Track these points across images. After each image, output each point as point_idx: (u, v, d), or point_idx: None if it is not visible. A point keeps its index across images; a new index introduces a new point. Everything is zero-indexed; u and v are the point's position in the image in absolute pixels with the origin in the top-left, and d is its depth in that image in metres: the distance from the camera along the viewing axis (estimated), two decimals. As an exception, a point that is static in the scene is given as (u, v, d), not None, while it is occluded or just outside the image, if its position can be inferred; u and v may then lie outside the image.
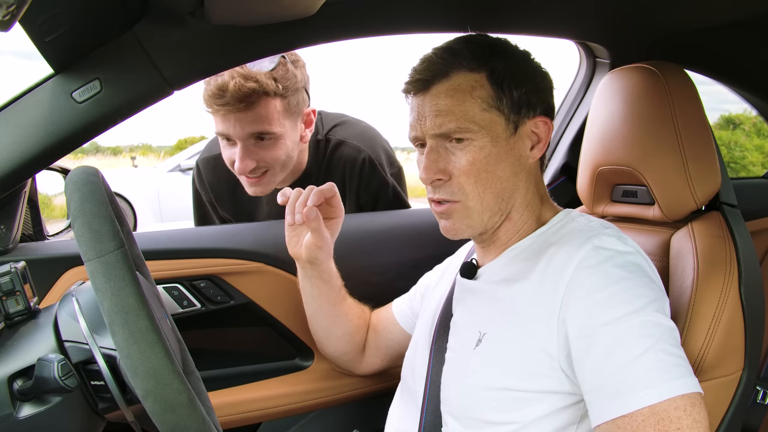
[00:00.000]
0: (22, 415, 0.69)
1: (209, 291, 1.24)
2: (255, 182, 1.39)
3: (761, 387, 1.23)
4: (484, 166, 0.86)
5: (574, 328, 0.78)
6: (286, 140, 1.36)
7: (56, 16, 0.84)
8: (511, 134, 0.88)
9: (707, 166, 1.01)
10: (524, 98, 0.88)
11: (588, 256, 0.81)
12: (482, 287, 0.94)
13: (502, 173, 0.88)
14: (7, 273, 0.74)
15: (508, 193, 0.90)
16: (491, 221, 0.91)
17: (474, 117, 0.86)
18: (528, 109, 0.89)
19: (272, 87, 1.28)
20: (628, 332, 0.75)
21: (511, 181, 0.89)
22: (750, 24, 1.31)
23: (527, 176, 0.91)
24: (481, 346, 0.87)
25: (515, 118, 0.88)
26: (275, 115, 1.31)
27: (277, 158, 1.36)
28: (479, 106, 0.86)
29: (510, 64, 0.89)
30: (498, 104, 0.87)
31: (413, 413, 0.97)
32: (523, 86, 0.88)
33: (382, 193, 1.49)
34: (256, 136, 1.32)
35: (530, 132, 0.90)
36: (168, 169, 7.93)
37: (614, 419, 0.72)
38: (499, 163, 0.87)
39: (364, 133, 1.51)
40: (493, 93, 0.86)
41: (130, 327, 0.59)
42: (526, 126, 0.89)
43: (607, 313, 0.76)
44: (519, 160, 0.89)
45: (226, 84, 1.24)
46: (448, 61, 0.88)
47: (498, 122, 0.87)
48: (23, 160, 0.94)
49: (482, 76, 0.87)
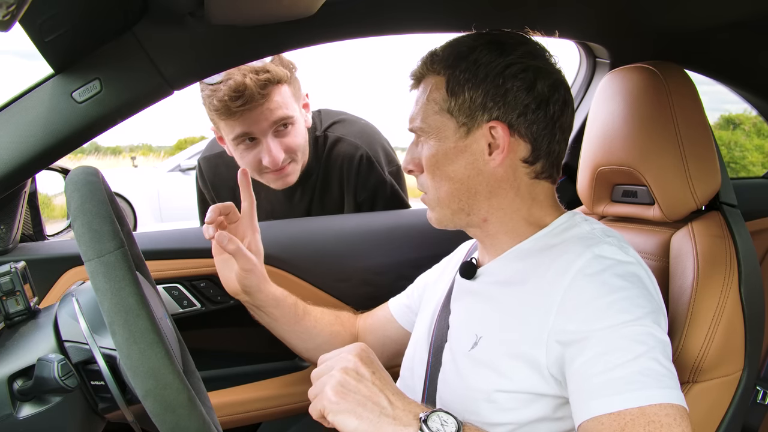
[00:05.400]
0: (22, 415, 0.69)
1: (209, 291, 1.24)
2: (280, 174, 1.40)
3: (761, 387, 1.23)
4: (434, 162, 0.91)
5: (568, 333, 0.77)
6: (301, 125, 1.40)
7: (56, 16, 0.84)
8: (462, 137, 0.89)
9: (707, 166, 1.01)
10: (480, 102, 0.88)
11: (587, 265, 0.81)
12: (480, 288, 0.94)
13: (453, 173, 0.90)
14: (7, 273, 0.74)
15: (465, 194, 0.91)
16: (458, 218, 0.93)
17: (427, 118, 0.91)
18: (483, 113, 0.88)
19: (282, 73, 1.31)
20: (622, 338, 0.74)
21: (467, 183, 0.90)
22: (750, 25, 1.31)
23: (495, 180, 0.90)
24: (476, 348, 0.87)
25: (466, 121, 0.89)
26: (288, 99, 1.35)
27: (299, 144, 1.39)
28: (432, 108, 0.91)
29: (474, 68, 0.88)
30: (449, 107, 0.89)
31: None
32: (481, 90, 0.87)
33: (379, 190, 1.49)
34: (279, 124, 1.34)
35: (487, 135, 0.89)
36: (168, 169, 7.93)
37: (599, 416, 0.71)
38: (449, 163, 0.90)
39: (362, 131, 1.52)
40: (446, 96, 0.89)
41: (130, 327, 0.59)
42: (482, 130, 0.89)
43: (603, 320, 0.76)
44: (474, 163, 0.89)
45: (242, 83, 1.25)
46: (428, 63, 0.93)
47: (447, 125, 0.90)
48: (23, 160, 0.95)
49: (442, 79, 0.90)
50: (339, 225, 1.41)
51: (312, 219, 1.47)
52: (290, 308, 1.16)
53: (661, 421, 0.69)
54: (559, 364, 0.78)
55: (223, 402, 1.21)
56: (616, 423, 0.70)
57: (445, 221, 0.96)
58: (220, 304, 1.25)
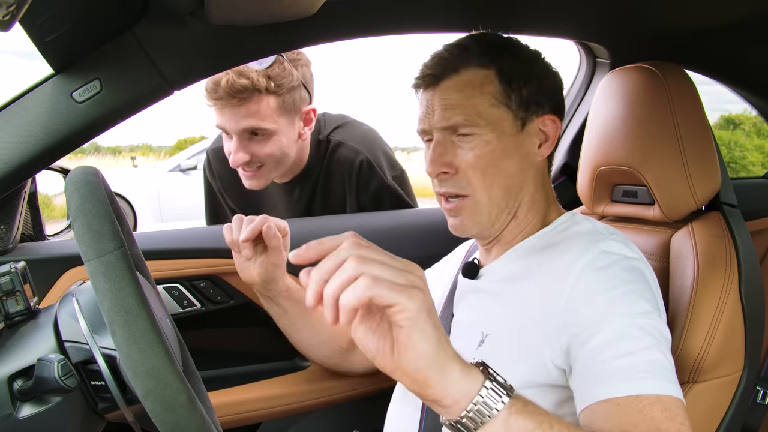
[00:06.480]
0: (22, 415, 0.69)
1: (209, 291, 1.24)
2: (251, 176, 1.43)
3: (761, 387, 1.23)
4: (490, 160, 0.87)
5: (577, 324, 0.77)
6: (281, 137, 1.38)
7: (56, 16, 0.84)
8: (518, 131, 0.89)
9: (707, 166, 1.01)
10: (533, 96, 0.89)
11: (595, 260, 0.81)
12: (484, 286, 0.94)
13: (508, 169, 0.88)
14: (7, 273, 0.74)
15: (515, 190, 0.90)
16: (499, 219, 0.91)
17: (482, 112, 0.87)
18: (536, 107, 0.90)
19: (263, 84, 1.31)
20: (633, 326, 0.75)
21: (519, 178, 0.90)
22: (750, 25, 1.31)
23: (535, 174, 0.92)
24: (483, 346, 0.87)
25: (523, 115, 0.89)
26: (268, 111, 1.34)
27: (270, 154, 1.38)
28: (488, 101, 0.87)
29: (519, 62, 0.90)
30: (506, 101, 0.88)
31: (414, 413, 0.97)
32: (531, 84, 0.89)
33: (382, 195, 1.50)
34: (250, 131, 1.35)
35: (538, 130, 0.91)
36: (168, 169, 7.93)
37: (615, 398, 0.71)
38: (506, 158, 0.88)
39: (363, 136, 1.53)
40: (502, 89, 0.88)
41: (130, 327, 0.59)
42: (534, 123, 0.90)
43: (614, 309, 0.76)
44: (527, 157, 0.90)
45: (220, 79, 1.28)
46: (459, 56, 0.89)
47: (505, 118, 0.88)
48: (23, 160, 0.94)
49: (492, 72, 0.88)
50: (339, 225, 1.41)
51: (312, 219, 1.47)
52: (300, 302, 1.15)
53: (675, 412, 0.70)
54: (564, 354, 0.78)
55: (223, 402, 1.21)
56: (634, 405, 0.70)
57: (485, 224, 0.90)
58: (220, 304, 1.25)
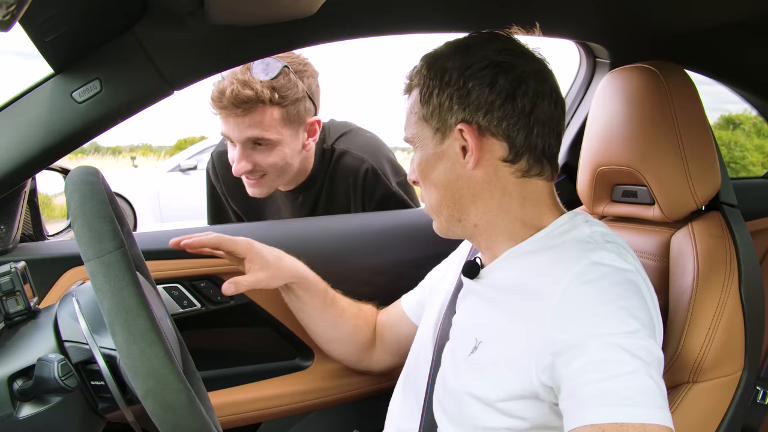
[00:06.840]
0: (22, 415, 0.69)
1: (209, 291, 1.24)
2: (253, 184, 1.44)
3: (761, 387, 1.23)
4: (421, 171, 0.93)
5: (562, 342, 0.75)
6: (284, 147, 1.39)
7: (56, 16, 0.84)
8: (438, 143, 0.90)
9: (707, 166, 1.01)
10: (447, 106, 0.88)
11: (584, 272, 0.79)
12: (482, 290, 0.94)
13: (436, 180, 0.91)
14: (7, 273, 0.74)
15: (450, 200, 0.91)
16: (453, 226, 0.94)
17: (412, 128, 0.93)
18: (451, 116, 0.88)
19: (268, 96, 1.32)
20: (619, 348, 0.72)
21: (450, 188, 0.90)
22: (750, 25, 1.31)
23: (476, 183, 0.89)
24: (475, 354, 0.86)
25: (439, 126, 0.89)
26: (272, 122, 1.35)
27: (273, 164, 1.40)
28: (412, 118, 0.93)
29: (441, 74, 0.89)
30: (424, 115, 0.90)
31: (414, 411, 0.97)
32: (446, 94, 0.88)
33: (387, 202, 1.50)
34: (253, 140, 1.36)
35: (459, 139, 0.88)
36: (168, 169, 7.94)
37: (599, 424, 0.70)
38: (432, 170, 0.91)
39: (367, 144, 1.54)
40: (420, 105, 0.91)
41: (130, 327, 0.59)
42: (454, 133, 0.88)
43: (600, 328, 0.74)
44: (453, 167, 0.89)
45: (225, 89, 1.30)
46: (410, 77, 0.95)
47: (426, 132, 0.91)
48: (23, 160, 0.95)
49: (418, 90, 0.92)
50: (339, 225, 1.41)
51: (312, 219, 1.47)
52: (319, 294, 1.17)
53: None
54: (549, 371, 0.77)
55: (223, 402, 1.21)
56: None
57: (443, 230, 0.96)
58: (220, 304, 1.25)
